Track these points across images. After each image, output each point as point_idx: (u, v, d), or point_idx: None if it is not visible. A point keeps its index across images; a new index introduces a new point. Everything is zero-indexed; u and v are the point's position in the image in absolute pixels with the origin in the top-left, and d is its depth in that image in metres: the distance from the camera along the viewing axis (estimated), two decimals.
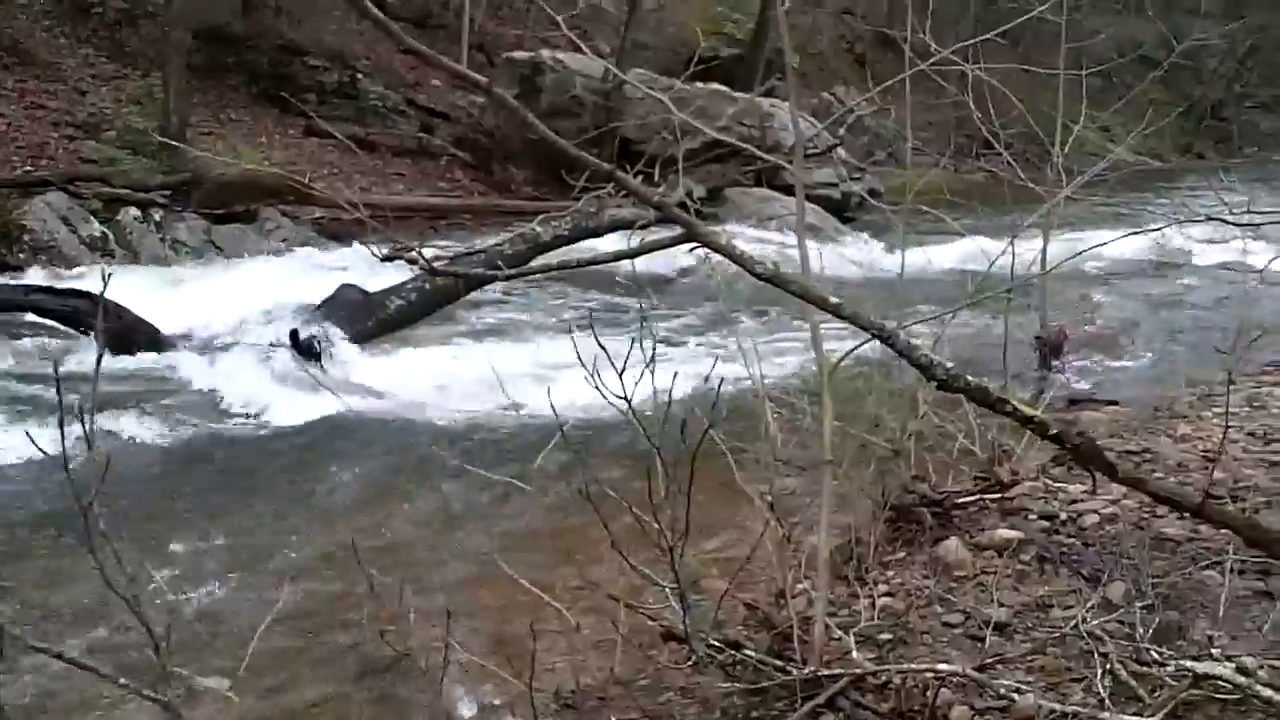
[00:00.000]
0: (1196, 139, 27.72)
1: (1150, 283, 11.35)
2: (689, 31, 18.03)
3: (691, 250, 2.87)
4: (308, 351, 7.49)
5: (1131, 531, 3.70)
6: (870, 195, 12.55)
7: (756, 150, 5.07)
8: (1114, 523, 3.80)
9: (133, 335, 7.55)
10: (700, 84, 14.33)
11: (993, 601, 3.33)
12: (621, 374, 2.69)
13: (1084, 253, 4.94)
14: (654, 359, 2.68)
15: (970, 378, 2.90)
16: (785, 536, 3.39)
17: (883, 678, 2.93)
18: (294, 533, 5.13)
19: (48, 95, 12.81)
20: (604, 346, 2.69)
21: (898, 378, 4.03)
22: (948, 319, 4.09)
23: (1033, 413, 3.00)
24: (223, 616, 4.24)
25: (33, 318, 7.96)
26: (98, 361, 4.04)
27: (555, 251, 9.89)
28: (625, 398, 2.69)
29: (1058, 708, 2.66)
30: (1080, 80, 5.62)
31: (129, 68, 13.96)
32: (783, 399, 3.89)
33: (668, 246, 2.93)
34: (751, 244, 9.80)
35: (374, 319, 8.36)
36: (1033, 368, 7.18)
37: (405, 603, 3.19)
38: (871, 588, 3.57)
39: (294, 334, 7.58)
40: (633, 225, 5.42)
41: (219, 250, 11.19)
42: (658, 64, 16.21)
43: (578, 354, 2.76)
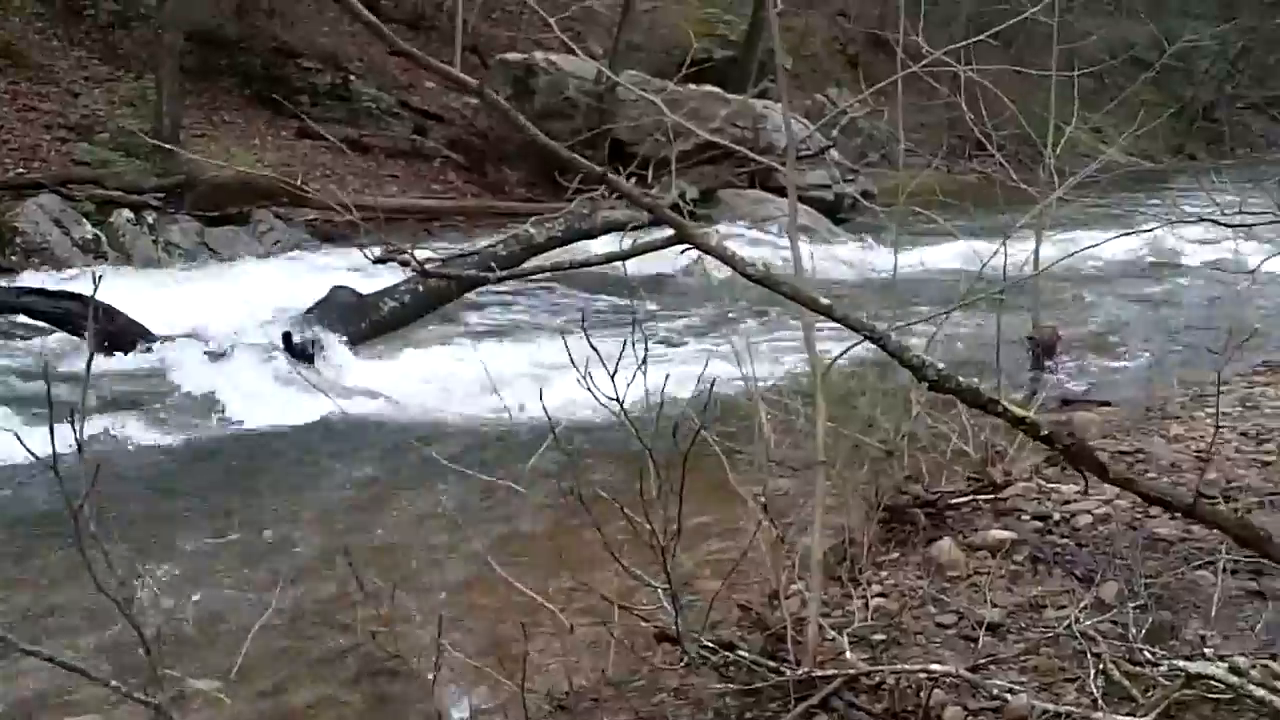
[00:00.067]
0: (1188, 140, 27.81)
1: (1143, 283, 11.37)
2: (682, 33, 18.03)
3: (683, 252, 2.87)
4: (301, 353, 7.48)
5: (1124, 532, 3.71)
6: (863, 197, 12.59)
7: (749, 152, 5.07)
8: (1107, 523, 3.81)
9: (124, 337, 7.54)
10: (693, 86, 14.37)
11: (986, 602, 3.33)
12: (613, 375, 2.68)
13: (1076, 253, 4.95)
14: (646, 360, 2.68)
15: (961, 379, 2.90)
16: (778, 537, 3.39)
17: (876, 678, 2.93)
18: (286, 535, 5.12)
19: (40, 97, 12.80)
20: (596, 348, 2.69)
21: (891, 379, 4.04)
22: (940, 320, 4.10)
23: (1024, 414, 3.00)
24: (215, 619, 4.23)
25: (25, 319, 7.95)
26: (88, 363, 4.03)
27: (549, 253, 9.91)
28: (617, 399, 2.69)
29: (1051, 708, 2.66)
30: (1072, 81, 5.64)
31: (122, 70, 13.95)
32: (776, 400, 3.89)
33: (659, 249, 2.92)
34: (745, 246, 9.84)
35: (367, 321, 8.36)
36: (1026, 368, 7.19)
37: (398, 604, 3.18)
38: (865, 588, 3.57)
39: (287, 336, 7.57)
40: (626, 227, 5.43)
41: (212, 252, 11.20)
42: (651, 66, 16.20)
43: (569, 355, 2.75)
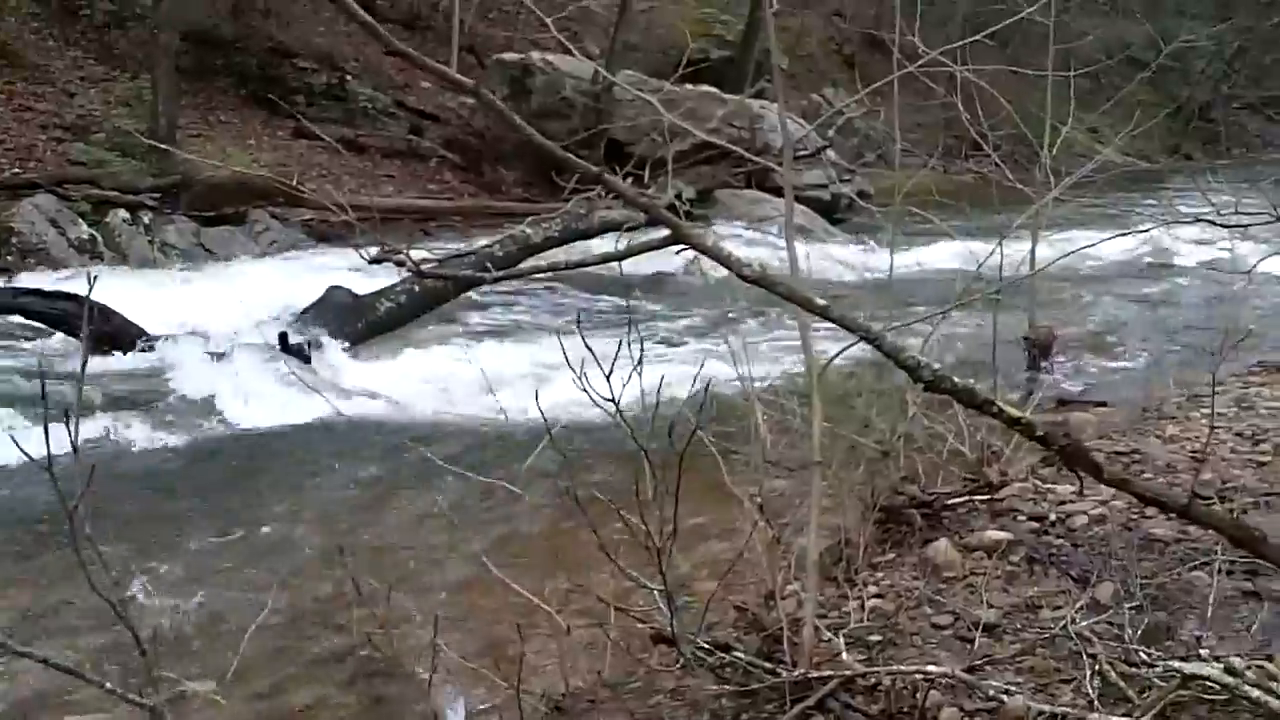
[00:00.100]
0: (1184, 140, 27.80)
1: (1139, 284, 11.39)
2: (678, 33, 18.03)
3: (679, 252, 2.86)
4: (297, 354, 7.47)
5: (1120, 532, 3.71)
6: (860, 197, 12.57)
7: (746, 152, 5.05)
8: (1103, 524, 3.80)
9: (120, 337, 7.53)
10: (690, 86, 14.38)
11: (982, 603, 3.33)
12: (609, 376, 2.68)
13: (1073, 253, 4.95)
14: (642, 360, 2.68)
15: (957, 379, 2.89)
16: (774, 538, 3.39)
17: (872, 679, 2.93)
18: (282, 535, 5.11)
19: (36, 97, 12.78)
20: (591, 349, 2.68)
21: (887, 379, 4.04)
22: (936, 320, 4.09)
23: (1019, 414, 2.99)
24: (211, 620, 4.23)
25: (21, 320, 7.94)
26: (83, 364, 4.02)
27: (546, 253, 9.91)
28: (613, 399, 2.69)
29: (1047, 709, 2.66)
30: (1068, 81, 5.63)
31: (117, 70, 13.93)
32: (772, 400, 3.89)
33: (655, 249, 2.92)
34: (741, 246, 9.84)
35: (364, 321, 8.36)
36: (1022, 369, 7.19)
37: (394, 605, 3.17)
38: (861, 589, 3.57)
39: (283, 336, 7.56)
40: (623, 227, 5.43)
41: (208, 252, 11.18)
42: (647, 66, 16.20)
43: (565, 355, 2.75)
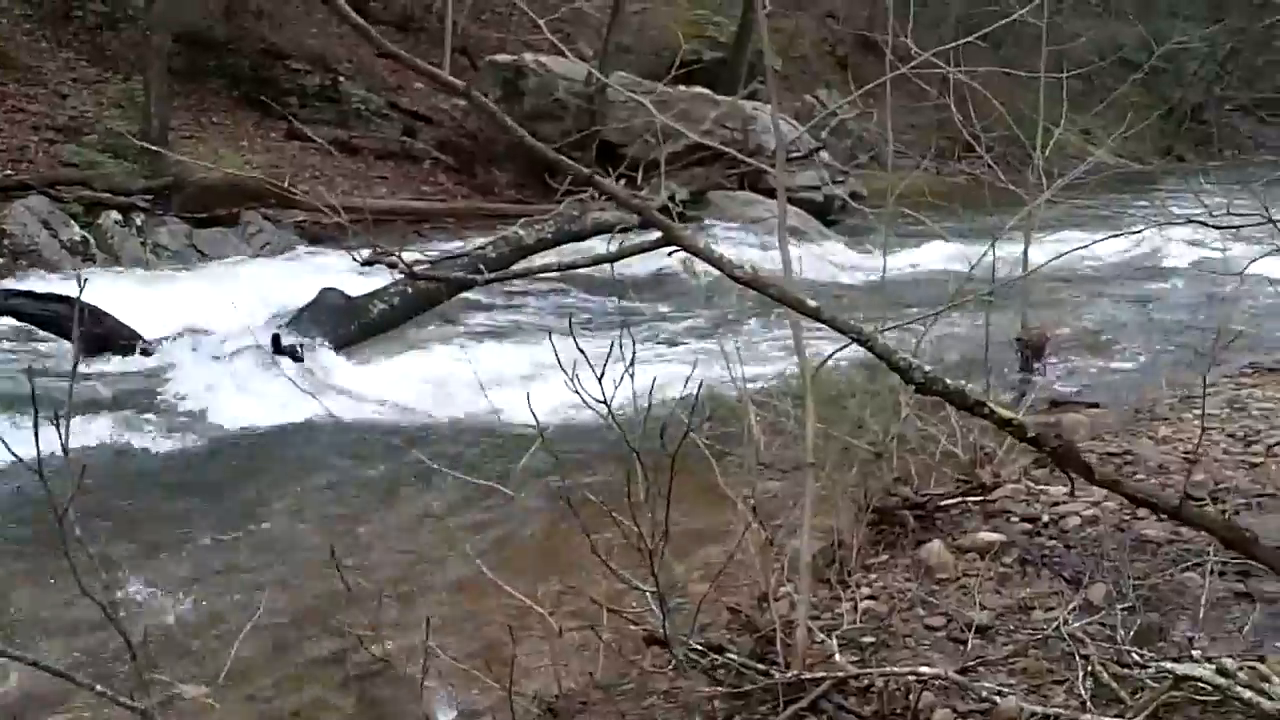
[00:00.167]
0: (1177, 142, 27.87)
1: (1131, 285, 11.41)
2: (671, 35, 18.04)
3: (671, 254, 2.86)
4: (290, 356, 7.46)
5: (1112, 534, 3.71)
6: (853, 198, 12.60)
7: (739, 154, 5.06)
8: (1095, 525, 3.81)
9: (112, 339, 7.51)
10: (683, 87, 14.36)
11: (975, 604, 3.33)
12: (600, 377, 2.68)
13: (1065, 255, 4.94)
14: (634, 361, 2.67)
15: (948, 380, 2.89)
16: (767, 539, 3.39)
17: (865, 681, 2.93)
18: (275, 537, 5.10)
19: (28, 99, 12.74)
20: (583, 350, 2.68)
21: (880, 380, 4.03)
22: (929, 322, 4.10)
23: (1011, 415, 3.00)
24: (203, 623, 4.22)
25: (13, 322, 7.92)
26: (74, 366, 4.00)
27: (538, 254, 9.91)
28: (605, 401, 2.68)
29: (1039, 710, 2.67)
30: (1061, 83, 5.64)
31: (110, 71, 13.90)
32: (766, 401, 3.89)
33: (646, 250, 2.91)
34: (734, 248, 9.83)
35: (356, 323, 8.35)
36: (1014, 370, 7.19)
37: (387, 607, 3.16)
38: (854, 590, 3.57)
39: (276, 338, 7.55)
40: (615, 228, 5.42)
41: (200, 254, 11.15)
42: (640, 67, 16.19)
43: (557, 357, 2.75)
